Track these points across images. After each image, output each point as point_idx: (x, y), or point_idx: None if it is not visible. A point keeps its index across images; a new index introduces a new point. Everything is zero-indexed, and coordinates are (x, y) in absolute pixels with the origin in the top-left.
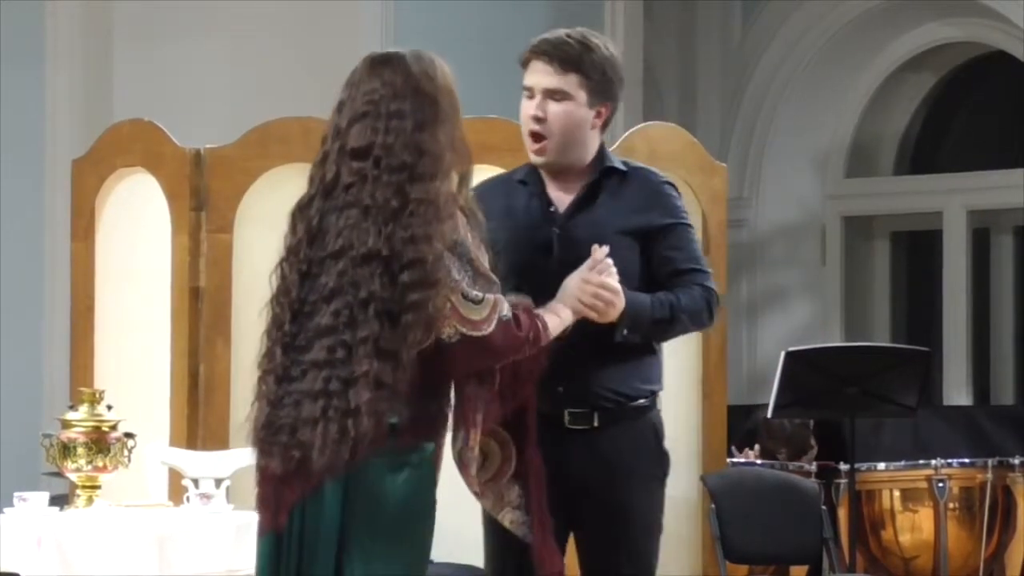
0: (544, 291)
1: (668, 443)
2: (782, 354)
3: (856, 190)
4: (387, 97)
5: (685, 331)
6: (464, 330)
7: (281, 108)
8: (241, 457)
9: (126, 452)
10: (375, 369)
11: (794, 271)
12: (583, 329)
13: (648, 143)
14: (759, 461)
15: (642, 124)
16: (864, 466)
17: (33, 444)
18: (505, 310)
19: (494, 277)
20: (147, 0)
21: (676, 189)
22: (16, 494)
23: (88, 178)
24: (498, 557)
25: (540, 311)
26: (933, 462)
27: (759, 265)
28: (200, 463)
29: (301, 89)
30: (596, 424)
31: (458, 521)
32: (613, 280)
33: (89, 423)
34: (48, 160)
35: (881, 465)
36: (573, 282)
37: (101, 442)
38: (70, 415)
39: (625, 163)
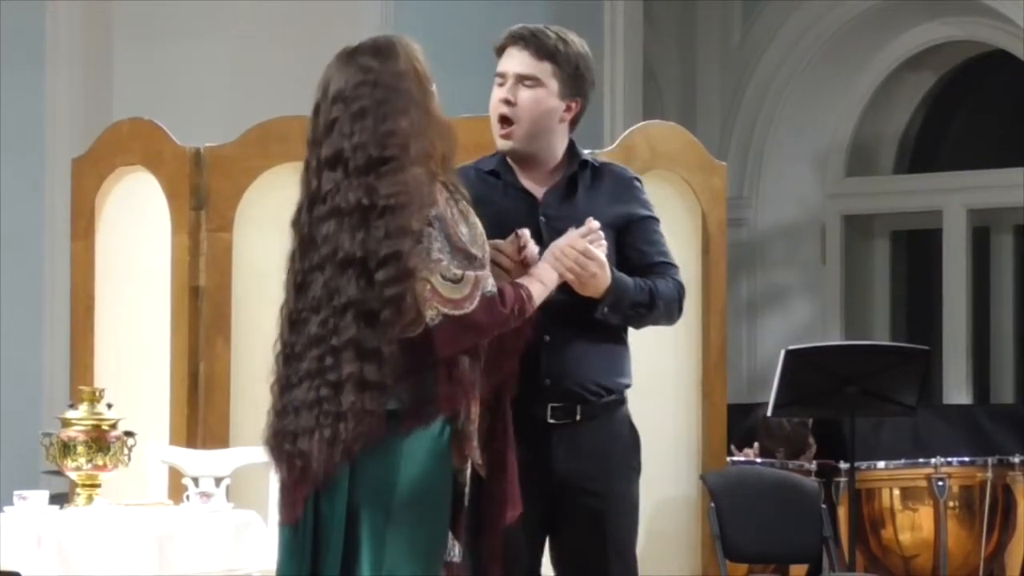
0: None
1: (668, 443)
2: (782, 353)
3: (856, 189)
4: (350, 98)
5: (657, 321)
6: (446, 310)
7: (281, 107)
8: (241, 456)
9: (126, 451)
10: (359, 371)
11: (794, 270)
12: (566, 322)
13: (648, 142)
14: (759, 460)
15: (642, 123)
16: (864, 465)
17: (33, 443)
18: (489, 286)
19: (474, 251)
20: (147, 0)
21: (642, 183)
22: (16, 492)
23: (88, 177)
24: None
25: (524, 279)
26: (933, 461)
27: (759, 264)
28: (200, 462)
29: (301, 88)
30: (578, 418)
31: None
32: (600, 251)
33: (89, 422)
34: (48, 159)
35: (881, 464)
36: (557, 246)
37: (101, 441)
38: (70, 414)
39: (594, 158)
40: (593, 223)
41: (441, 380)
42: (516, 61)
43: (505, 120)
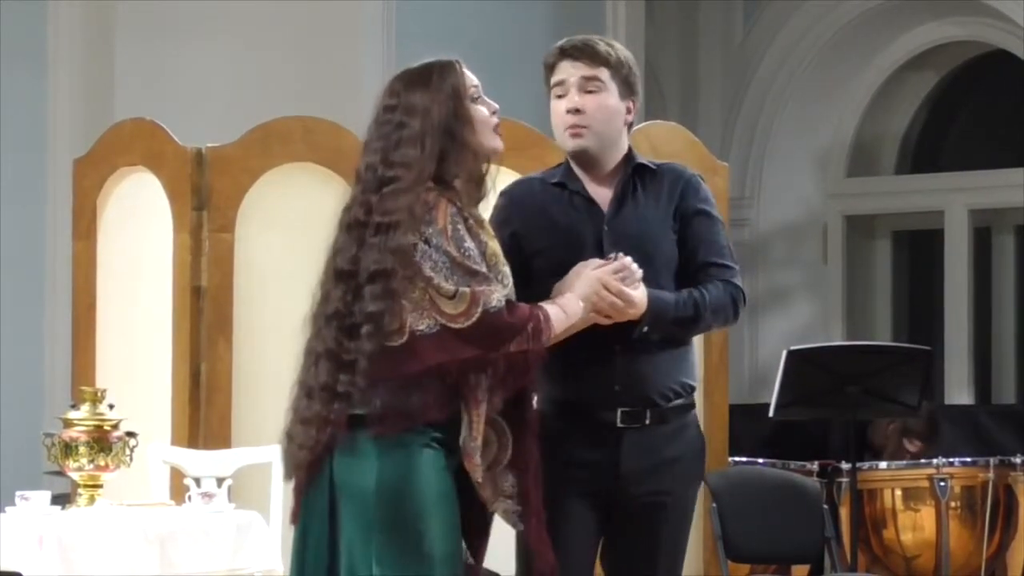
0: None
1: None
2: (784, 353)
3: (857, 189)
4: (377, 123)
5: (709, 328)
6: (443, 322)
7: (282, 107)
8: (243, 456)
9: (128, 451)
10: (332, 381)
11: (796, 270)
12: (633, 327)
13: (650, 142)
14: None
15: (644, 123)
16: (866, 465)
17: (35, 443)
18: (493, 301)
19: (476, 267)
20: (148, 0)
21: (704, 182)
22: (18, 493)
23: (89, 177)
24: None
25: (545, 303)
26: (935, 461)
27: (761, 264)
28: (202, 462)
29: (302, 88)
30: (647, 422)
31: None
32: (634, 286)
33: (91, 422)
34: (50, 159)
35: (883, 464)
36: (591, 281)
37: (103, 441)
38: (72, 414)
39: (651, 161)
40: (626, 259)
41: (426, 389)
42: (573, 69)
43: (575, 127)
